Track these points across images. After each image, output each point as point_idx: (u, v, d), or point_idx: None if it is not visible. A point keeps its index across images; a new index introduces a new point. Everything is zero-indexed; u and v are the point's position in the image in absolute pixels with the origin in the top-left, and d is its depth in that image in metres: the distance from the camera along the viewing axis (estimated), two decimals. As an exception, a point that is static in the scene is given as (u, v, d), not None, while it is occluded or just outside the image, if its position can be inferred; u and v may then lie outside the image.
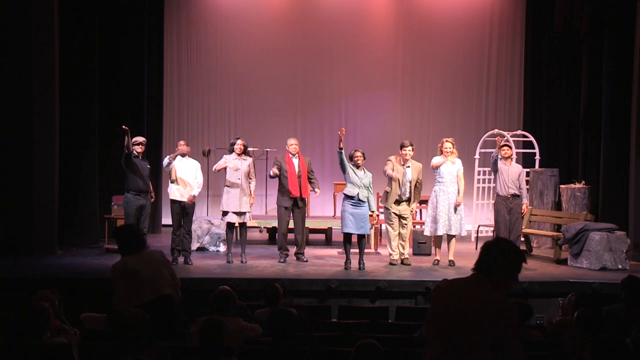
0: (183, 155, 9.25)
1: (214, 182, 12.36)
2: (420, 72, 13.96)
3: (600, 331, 4.47)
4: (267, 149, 12.42)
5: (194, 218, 9.60)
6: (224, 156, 9.37)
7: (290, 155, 9.39)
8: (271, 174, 9.37)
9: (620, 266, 9.21)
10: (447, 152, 9.22)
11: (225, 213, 9.15)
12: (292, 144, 9.44)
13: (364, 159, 9.00)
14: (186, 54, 13.73)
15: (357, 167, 8.95)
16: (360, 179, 8.88)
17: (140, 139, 9.26)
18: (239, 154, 9.23)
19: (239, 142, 9.27)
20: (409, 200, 9.22)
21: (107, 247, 10.13)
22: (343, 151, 8.89)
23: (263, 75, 13.77)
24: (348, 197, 8.94)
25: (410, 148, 9.20)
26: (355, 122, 13.96)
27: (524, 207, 9.22)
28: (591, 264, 9.23)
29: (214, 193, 12.24)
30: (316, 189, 9.43)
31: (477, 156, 12.27)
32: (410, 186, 9.17)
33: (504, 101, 14.00)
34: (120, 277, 5.39)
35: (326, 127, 13.99)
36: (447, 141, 9.29)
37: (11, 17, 9.64)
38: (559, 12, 12.68)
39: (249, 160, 9.34)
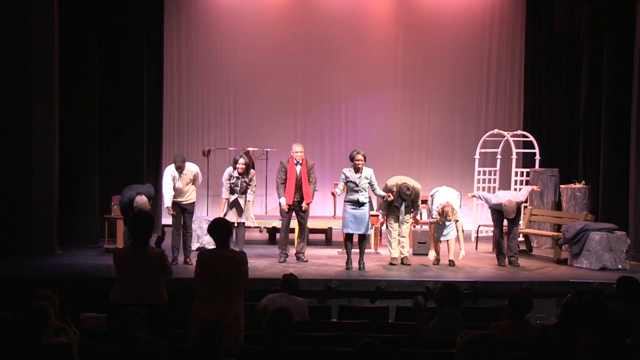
0: (180, 169, 9.09)
1: (214, 181, 12.34)
2: (420, 72, 13.94)
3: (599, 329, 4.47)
4: (267, 149, 12.42)
5: (193, 218, 9.61)
6: (226, 170, 9.35)
7: (295, 162, 9.29)
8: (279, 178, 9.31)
9: (620, 266, 9.21)
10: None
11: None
12: (297, 151, 9.23)
13: (365, 160, 8.98)
14: (186, 54, 13.72)
15: (357, 170, 8.93)
16: (358, 184, 8.87)
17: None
18: (240, 174, 9.15)
19: (241, 161, 9.09)
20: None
21: (107, 247, 10.12)
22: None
23: (263, 75, 13.75)
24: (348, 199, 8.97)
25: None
26: (355, 122, 13.95)
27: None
28: (591, 264, 9.23)
29: (214, 193, 12.22)
30: (308, 201, 9.29)
31: (477, 156, 12.25)
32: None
33: (504, 101, 13.98)
34: (115, 262, 5.49)
35: (326, 127, 13.97)
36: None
37: (11, 17, 9.64)
38: (559, 12, 12.67)
39: (249, 176, 9.24)
